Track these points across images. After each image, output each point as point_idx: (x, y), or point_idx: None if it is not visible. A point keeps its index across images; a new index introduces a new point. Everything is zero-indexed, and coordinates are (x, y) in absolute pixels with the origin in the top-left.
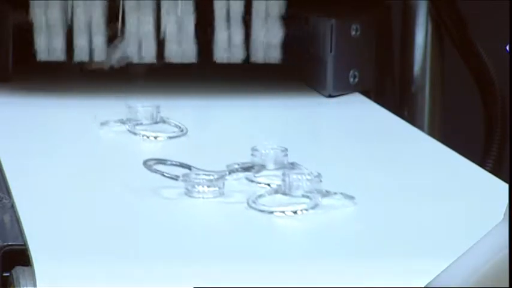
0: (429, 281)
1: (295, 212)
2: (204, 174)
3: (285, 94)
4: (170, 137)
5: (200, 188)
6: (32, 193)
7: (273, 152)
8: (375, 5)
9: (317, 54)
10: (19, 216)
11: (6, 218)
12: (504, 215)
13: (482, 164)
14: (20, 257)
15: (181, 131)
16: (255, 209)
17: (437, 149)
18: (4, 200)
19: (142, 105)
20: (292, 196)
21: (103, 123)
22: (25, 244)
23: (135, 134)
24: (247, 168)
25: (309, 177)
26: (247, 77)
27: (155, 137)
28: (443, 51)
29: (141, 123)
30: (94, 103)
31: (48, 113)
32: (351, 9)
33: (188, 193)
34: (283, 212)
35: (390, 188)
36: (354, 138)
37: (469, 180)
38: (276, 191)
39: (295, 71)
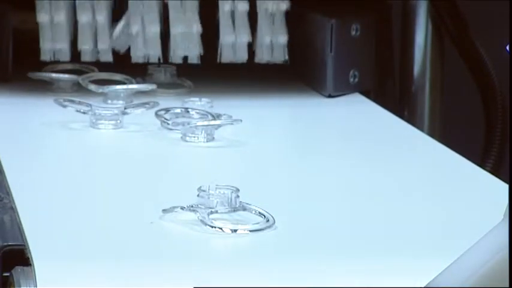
0: (429, 281)
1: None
2: None
3: (285, 94)
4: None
5: None
6: (32, 193)
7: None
8: (375, 5)
9: (317, 54)
10: (19, 216)
11: (6, 218)
12: (504, 215)
13: (482, 164)
14: (20, 257)
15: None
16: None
17: (437, 149)
18: (4, 200)
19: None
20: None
21: (166, 211)
22: (25, 244)
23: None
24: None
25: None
26: (246, 77)
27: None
28: (443, 51)
29: (216, 211)
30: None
31: (48, 114)
32: (351, 9)
33: None
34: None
35: (390, 188)
36: (353, 139)
37: (469, 180)
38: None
39: (295, 71)
